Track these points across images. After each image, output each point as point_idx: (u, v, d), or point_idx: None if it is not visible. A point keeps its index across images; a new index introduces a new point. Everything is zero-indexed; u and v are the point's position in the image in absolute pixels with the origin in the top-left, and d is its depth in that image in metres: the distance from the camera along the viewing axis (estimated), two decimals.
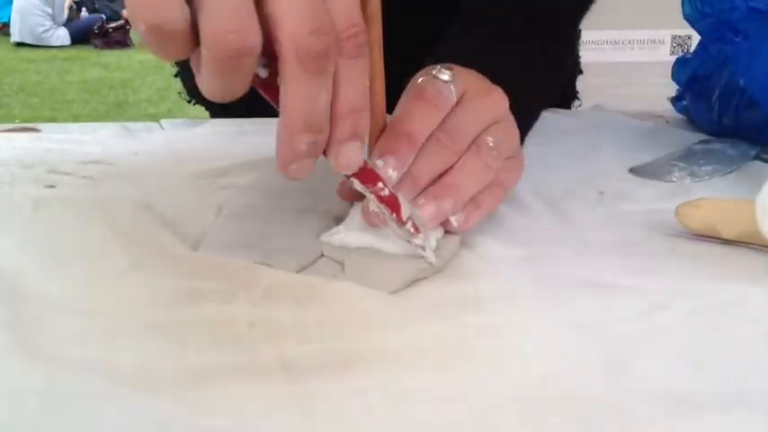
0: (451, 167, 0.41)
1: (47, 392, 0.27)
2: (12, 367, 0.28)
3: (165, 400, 0.27)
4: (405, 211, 0.37)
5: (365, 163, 0.36)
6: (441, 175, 0.40)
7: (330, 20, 0.31)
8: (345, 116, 0.33)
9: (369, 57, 0.34)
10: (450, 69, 0.42)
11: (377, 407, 0.27)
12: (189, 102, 0.86)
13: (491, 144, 0.41)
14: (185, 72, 0.86)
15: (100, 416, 0.26)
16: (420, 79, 0.42)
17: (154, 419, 0.26)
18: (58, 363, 0.29)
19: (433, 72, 0.42)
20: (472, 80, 0.44)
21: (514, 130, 0.44)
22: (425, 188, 0.40)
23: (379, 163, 0.38)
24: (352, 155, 0.34)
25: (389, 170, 0.39)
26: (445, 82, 0.42)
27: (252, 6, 0.29)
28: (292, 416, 0.27)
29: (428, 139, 0.40)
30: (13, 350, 0.29)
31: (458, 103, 0.42)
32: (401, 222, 0.37)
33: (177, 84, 0.90)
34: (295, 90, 0.31)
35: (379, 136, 0.40)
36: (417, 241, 0.38)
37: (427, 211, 0.39)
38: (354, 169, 0.35)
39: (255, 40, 0.29)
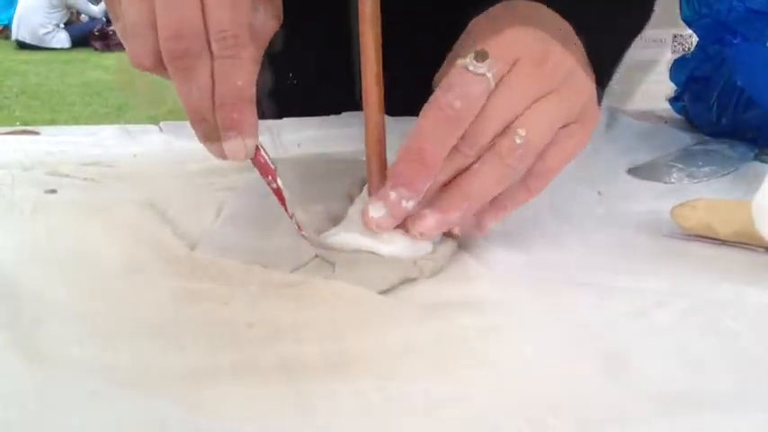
0: (467, 169, 0.37)
1: (46, 392, 0.27)
2: (11, 367, 0.28)
3: (163, 399, 0.27)
4: (290, 206, 0.40)
5: (257, 153, 0.39)
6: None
7: (197, 26, 0.36)
8: (219, 109, 0.37)
9: (243, 58, 0.37)
10: (485, 55, 0.37)
11: (375, 407, 0.27)
12: None
13: (518, 141, 0.37)
14: None
15: (98, 416, 0.26)
16: (450, 71, 0.37)
17: (152, 419, 0.26)
18: (57, 363, 0.29)
19: (466, 60, 0.37)
20: (525, 44, 0.38)
21: (578, 93, 0.39)
22: (436, 191, 0.38)
23: (392, 194, 0.37)
24: (231, 144, 0.38)
25: (403, 202, 0.37)
26: (476, 75, 0.36)
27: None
28: (290, 415, 0.27)
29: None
30: (13, 350, 0.29)
31: (497, 84, 0.37)
32: (288, 215, 0.40)
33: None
34: (175, 85, 0.38)
35: (375, 142, 0.40)
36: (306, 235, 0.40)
37: (427, 223, 0.37)
38: (240, 157, 0.38)
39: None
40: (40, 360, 0.29)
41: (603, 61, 0.44)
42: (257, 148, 0.39)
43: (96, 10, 7.52)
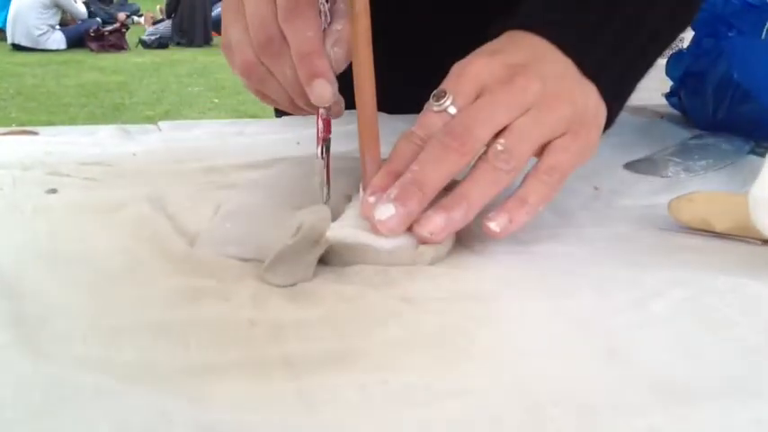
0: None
1: (50, 389, 0.27)
2: (16, 365, 0.28)
3: (167, 395, 0.27)
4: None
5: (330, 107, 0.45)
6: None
7: (275, 22, 0.45)
8: (300, 62, 0.44)
9: (308, 16, 0.44)
10: (442, 94, 0.42)
11: (377, 400, 0.28)
12: None
13: (500, 148, 0.40)
14: None
15: (103, 412, 0.26)
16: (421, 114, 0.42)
17: (156, 414, 0.26)
18: (60, 361, 0.29)
19: (430, 101, 0.42)
20: (489, 72, 0.42)
21: (557, 106, 0.42)
22: (439, 197, 0.40)
23: (371, 199, 0.40)
24: (317, 89, 0.43)
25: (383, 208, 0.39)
26: (437, 112, 0.41)
27: None
28: (293, 409, 0.27)
29: (429, 142, 0.41)
30: (17, 348, 0.29)
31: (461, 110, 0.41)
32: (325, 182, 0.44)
33: (173, 86, 0.91)
34: (272, 71, 0.47)
35: (367, 128, 0.40)
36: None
37: (435, 222, 0.39)
38: (326, 99, 0.44)
39: None
40: (44, 358, 0.29)
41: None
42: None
43: (83, 11, 7.52)
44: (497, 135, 0.40)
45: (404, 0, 0.71)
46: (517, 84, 0.41)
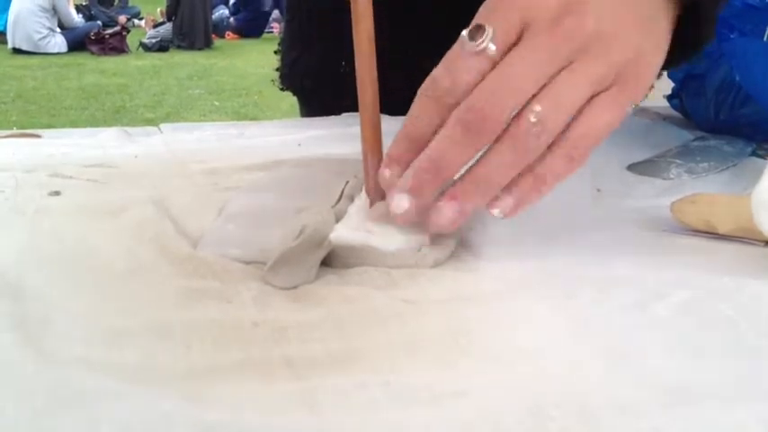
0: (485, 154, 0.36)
1: (53, 390, 0.27)
2: (18, 366, 0.28)
3: (169, 395, 0.27)
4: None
5: None
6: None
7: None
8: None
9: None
10: (481, 29, 0.34)
11: (379, 401, 0.28)
12: (281, 90, 0.86)
13: (533, 120, 0.34)
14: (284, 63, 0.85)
15: (105, 412, 0.26)
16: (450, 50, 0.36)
17: (158, 414, 0.26)
18: (63, 361, 0.29)
19: (464, 35, 0.35)
20: (535, 3, 0.35)
21: (605, 58, 0.35)
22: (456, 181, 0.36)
23: (386, 173, 0.38)
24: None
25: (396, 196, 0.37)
26: (474, 52, 0.35)
27: None
28: (296, 410, 0.27)
29: (449, 119, 0.35)
30: (21, 350, 0.29)
31: (504, 57, 0.35)
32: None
33: (174, 89, 0.91)
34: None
35: (370, 130, 0.40)
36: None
37: (446, 215, 0.36)
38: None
39: None
40: (47, 359, 0.29)
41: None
42: None
43: (77, 20, 7.53)
44: (533, 96, 0.35)
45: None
46: (565, 25, 0.34)
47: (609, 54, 0.35)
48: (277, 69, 0.86)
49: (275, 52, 0.86)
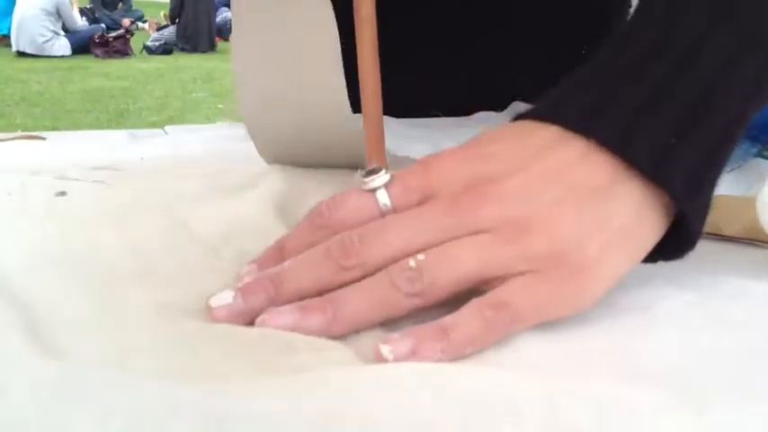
0: None
1: (64, 385, 0.27)
2: (28, 366, 0.28)
3: (180, 390, 0.27)
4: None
5: None
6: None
7: None
8: None
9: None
10: (376, 171, 0.34)
11: (383, 401, 0.28)
12: None
13: (411, 264, 0.31)
14: None
15: (114, 406, 0.26)
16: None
17: (165, 404, 0.26)
18: (73, 359, 0.29)
19: (362, 175, 0.35)
20: (466, 169, 0.34)
21: (512, 243, 0.32)
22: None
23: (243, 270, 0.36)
24: None
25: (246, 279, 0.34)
26: (367, 192, 0.34)
27: None
28: (306, 396, 0.27)
29: (317, 246, 0.34)
30: (30, 348, 0.29)
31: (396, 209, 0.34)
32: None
33: (177, 92, 0.91)
34: None
35: (373, 132, 0.40)
36: None
37: (280, 318, 0.32)
38: None
39: None
40: (55, 360, 0.29)
41: None
42: None
43: (81, 23, 7.56)
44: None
45: (411, 1, 0.71)
46: (463, 203, 0.33)
47: (517, 240, 0.32)
48: None
49: None
